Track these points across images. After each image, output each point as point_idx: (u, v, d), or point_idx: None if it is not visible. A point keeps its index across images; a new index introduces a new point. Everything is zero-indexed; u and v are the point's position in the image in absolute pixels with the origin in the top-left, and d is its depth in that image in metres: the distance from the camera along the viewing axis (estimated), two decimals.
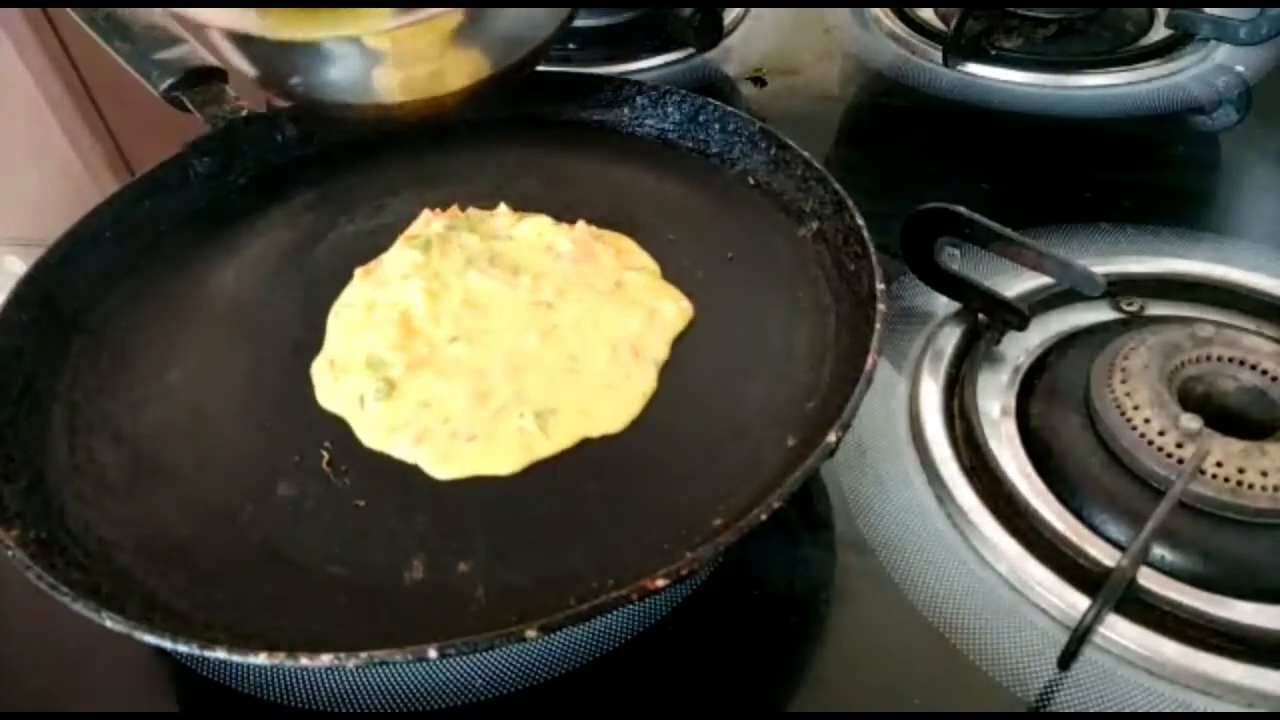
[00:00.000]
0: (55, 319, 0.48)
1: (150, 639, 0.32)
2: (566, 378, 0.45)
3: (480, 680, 0.38)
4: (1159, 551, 0.39)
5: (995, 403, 0.47)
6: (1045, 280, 0.51)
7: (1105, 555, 0.39)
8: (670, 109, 0.60)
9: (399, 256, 0.52)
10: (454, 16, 0.46)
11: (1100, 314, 0.52)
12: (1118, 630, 0.37)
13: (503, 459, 0.42)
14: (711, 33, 0.78)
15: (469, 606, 0.36)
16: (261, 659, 0.31)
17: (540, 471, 0.42)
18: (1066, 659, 0.36)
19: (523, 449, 0.42)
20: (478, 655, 0.38)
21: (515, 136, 0.62)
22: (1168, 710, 0.36)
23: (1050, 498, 0.42)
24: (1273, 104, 0.71)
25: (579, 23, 0.82)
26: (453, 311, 0.48)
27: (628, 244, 0.53)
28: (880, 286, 0.42)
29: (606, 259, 0.51)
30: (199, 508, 0.41)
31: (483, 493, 0.41)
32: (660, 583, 0.32)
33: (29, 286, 0.47)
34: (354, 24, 0.46)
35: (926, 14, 0.83)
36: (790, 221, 0.53)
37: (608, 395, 0.44)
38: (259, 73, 0.50)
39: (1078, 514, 0.41)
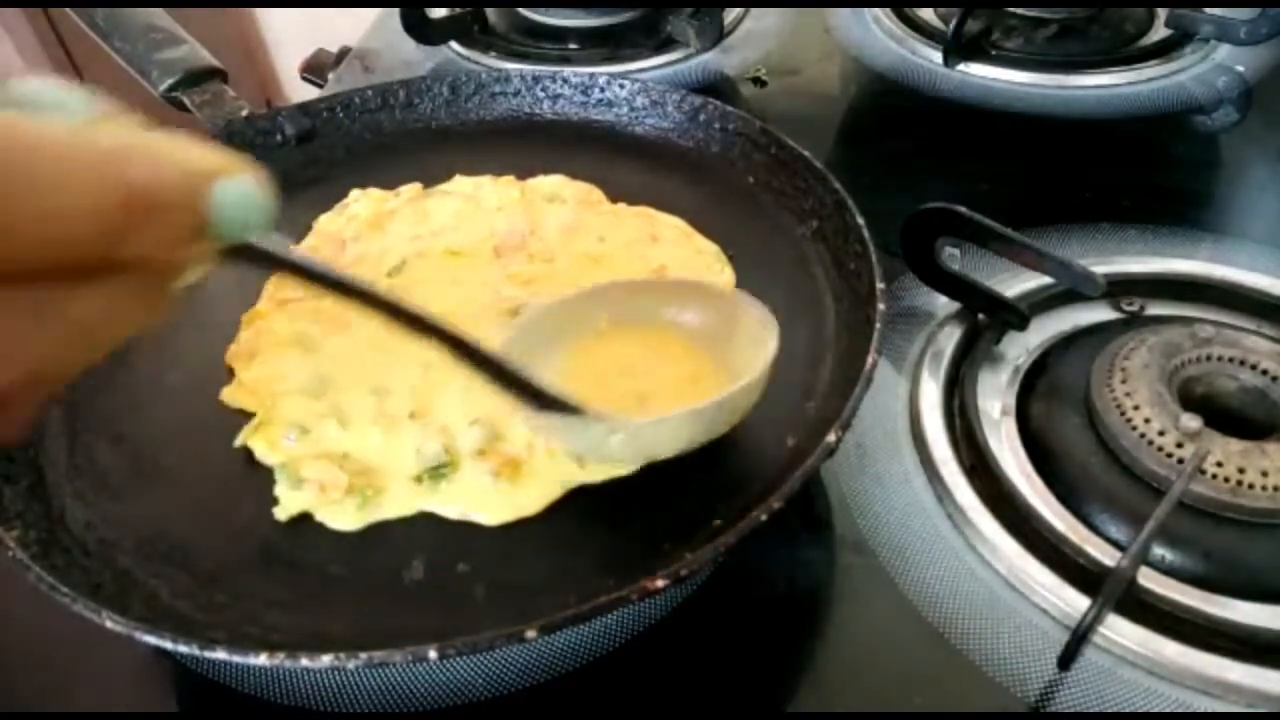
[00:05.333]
0: None
1: (150, 639, 0.32)
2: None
3: (480, 680, 0.38)
4: (1159, 551, 0.39)
5: (995, 403, 0.47)
6: (1045, 280, 0.51)
7: (1105, 555, 0.39)
8: (670, 109, 0.60)
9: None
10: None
11: (1100, 314, 0.52)
12: (1118, 630, 0.37)
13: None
14: (711, 33, 0.78)
15: (469, 606, 0.36)
16: (261, 659, 0.31)
17: None
18: (1066, 659, 0.36)
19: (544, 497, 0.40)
20: (478, 655, 0.38)
21: (515, 137, 0.62)
22: (1168, 710, 0.36)
23: (1050, 498, 0.42)
24: (1273, 104, 0.71)
25: (579, 23, 0.83)
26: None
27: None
28: (880, 286, 0.42)
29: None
30: (199, 508, 0.41)
31: None
32: (660, 583, 0.32)
33: None
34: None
35: (926, 14, 0.83)
36: (790, 220, 0.53)
37: None
38: None
39: (1078, 514, 0.41)
